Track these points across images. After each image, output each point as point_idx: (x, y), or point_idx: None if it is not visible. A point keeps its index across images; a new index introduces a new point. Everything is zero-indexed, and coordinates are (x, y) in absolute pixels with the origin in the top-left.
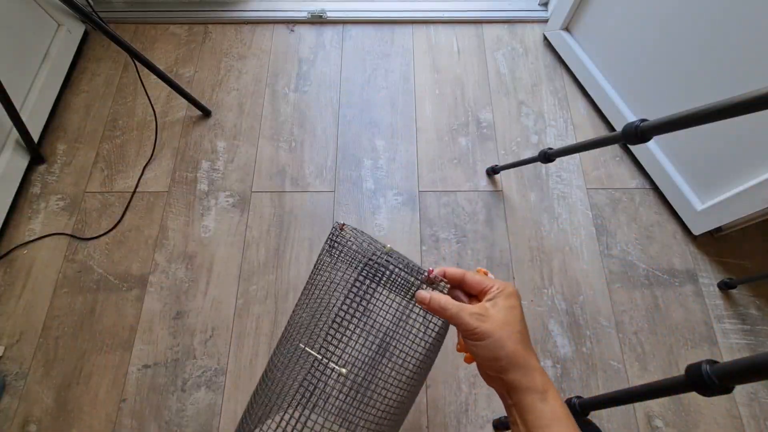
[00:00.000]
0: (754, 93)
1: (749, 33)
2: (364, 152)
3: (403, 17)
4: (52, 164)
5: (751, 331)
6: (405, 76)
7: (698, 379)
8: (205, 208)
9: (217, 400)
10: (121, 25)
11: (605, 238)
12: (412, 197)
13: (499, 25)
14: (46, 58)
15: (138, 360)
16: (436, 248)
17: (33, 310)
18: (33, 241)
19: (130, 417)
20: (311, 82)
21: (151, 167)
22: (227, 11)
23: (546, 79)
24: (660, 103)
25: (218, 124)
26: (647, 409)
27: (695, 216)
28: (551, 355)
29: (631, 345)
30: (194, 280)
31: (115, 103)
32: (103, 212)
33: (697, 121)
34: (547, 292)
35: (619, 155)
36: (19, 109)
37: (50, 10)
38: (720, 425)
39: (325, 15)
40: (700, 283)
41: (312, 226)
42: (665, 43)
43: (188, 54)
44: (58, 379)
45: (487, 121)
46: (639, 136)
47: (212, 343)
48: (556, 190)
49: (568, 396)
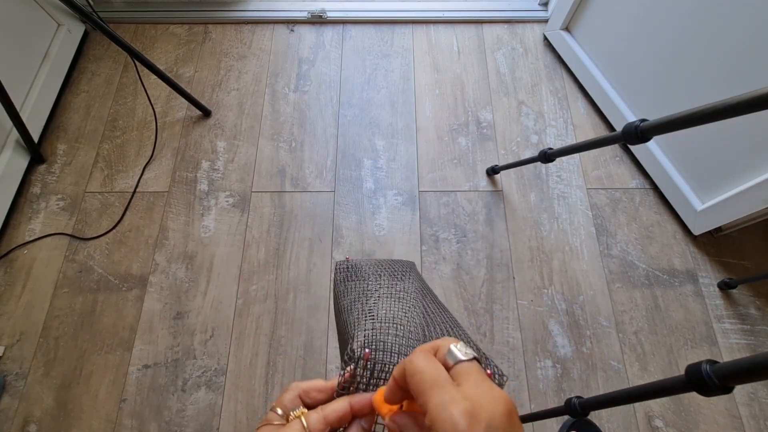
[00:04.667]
0: (754, 93)
1: (749, 33)
2: (364, 152)
3: (403, 17)
4: (52, 164)
5: (751, 331)
6: (405, 75)
7: (698, 379)
8: (205, 208)
9: (217, 400)
10: (121, 25)
11: (605, 238)
12: (412, 197)
13: (499, 25)
14: (46, 58)
15: (138, 360)
16: (436, 248)
17: (33, 310)
18: (33, 241)
19: (130, 417)
20: (311, 82)
21: (151, 167)
22: (227, 11)
23: (546, 79)
24: (660, 103)
25: (218, 124)
26: (647, 409)
27: (695, 216)
28: (551, 355)
29: (631, 345)
30: (194, 280)
31: (115, 103)
32: (103, 212)
33: (697, 121)
34: (547, 292)
35: (619, 155)
36: (19, 109)
37: (50, 10)
38: (720, 425)
39: (325, 15)
40: (700, 283)
41: (312, 226)
42: (665, 43)
43: (188, 54)
44: (58, 379)
45: (487, 121)
46: (639, 136)
47: (212, 343)
48: (556, 190)
49: (568, 396)
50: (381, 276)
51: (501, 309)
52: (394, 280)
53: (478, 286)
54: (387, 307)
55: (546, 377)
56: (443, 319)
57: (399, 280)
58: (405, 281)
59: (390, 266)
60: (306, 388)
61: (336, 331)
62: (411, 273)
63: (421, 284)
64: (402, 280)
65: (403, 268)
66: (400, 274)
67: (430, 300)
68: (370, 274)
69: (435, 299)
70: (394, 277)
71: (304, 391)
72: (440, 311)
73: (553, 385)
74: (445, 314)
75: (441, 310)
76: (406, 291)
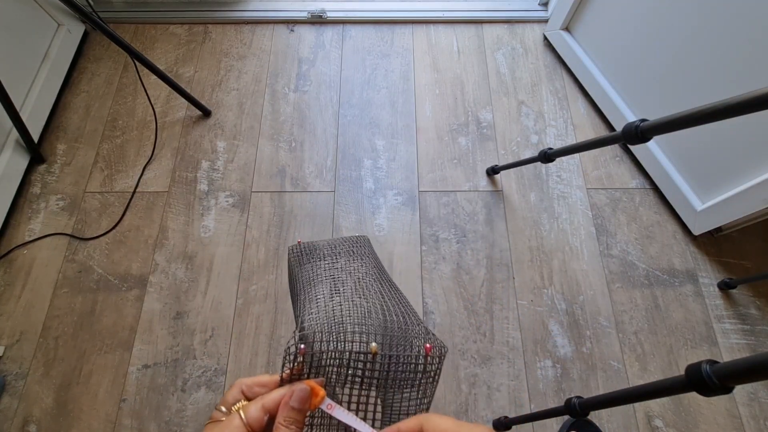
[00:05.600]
0: (754, 93)
1: (749, 33)
2: (364, 152)
3: (403, 17)
4: (52, 164)
5: (751, 331)
6: (405, 75)
7: (698, 379)
8: (205, 208)
9: (217, 400)
10: (121, 25)
11: (605, 238)
12: (412, 197)
13: (499, 25)
14: (46, 58)
15: (138, 360)
16: (436, 248)
17: (33, 310)
18: (33, 241)
19: (130, 417)
20: (311, 82)
21: (151, 167)
22: (227, 11)
23: (546, 79)
24: (660, 103)
25: (218, 124)
26: (647, 409)
27: (695, 216)
28: (551, 355)
29: (631, 345)
30: (194, 280)
31: (115, 103)
32: (103, 212)
33: (697, 121)
34: (547, 292)
35: (619, 155)
36: (19, 109)
37: (50, 10)
38: (720, 425)
39: (325, 15)
40: (700, 283)
41: (312, 226)
42: (665, 43)
43: (188, 54)
44: (58, 379)
45: (487, 121)
46: (639, 136)
47: (212, 343)
48: (556, 190)
49: (568, 396)
50: (338, 256)
51: (501, 309)
52: (351, 259)
53: (478, 286)
54: (334, 291)
55: (546, 377)
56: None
57: (356, 259)
58: (362, 259)
59: (346, 244)
60: (249, 384)
61: None
62: (366, 251)
63: (375, 261)
64: (360, 258)
65: (361, 245)
66: (357, 253)
67: (386, 279)
68: (326, 254)
69: (387, 275)
70: (351, 256)
71: (248, 386)
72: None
73: (553, 385)
74: (399, 293)
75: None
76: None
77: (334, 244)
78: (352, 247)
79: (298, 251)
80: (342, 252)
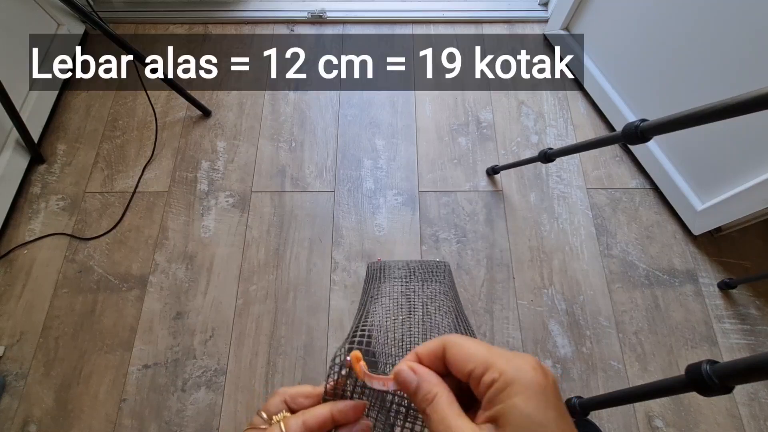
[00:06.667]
0: (754, 93)
1: (749, 33)
2: (364, 152)
3: (403, 17)
4: (52, 164)
5: (751, 331)
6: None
7: (698, 379)
8: (205, 208)
9: (217, 400)
10: (121, 25)
11: (605, 238)
12: (412, 197)
13: (499, 25)
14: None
15: (138, 360)
16: (436, 248)
17: (33, 310)
18: (33, 241)
19: (130, 417)
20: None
21: (151, 167)
22: (227, 11)
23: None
24: (660, 103)
25: (218, 124)
26: (647, 409)
27: (695, 216)
28: (551, 355)
29: (631, 345)
30: (194, 280)
31: (115, 103)
32: (103, 212)
33: (697, 121)
34: (547, 292)
35: (619, 155)
36: (19, 109)
37: (50, 10)
38: (720, 425)
39: (325, 15)
40: (700, 283)
41: (312, 226)
42: (665, 43)
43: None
44: (58, 379)
45: (487, 121)
46: (639, 136)
47: (212, 343)
48: (556, 190)
49: (568, 396)
50: (413, 278)
51: (501, 309)
52: (426, 285)
53: (478, 286)
54: (388, 311)
55: None
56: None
57: (431, 284)
58: (438, 285)
59: (424, 268)
60: (293, 394)
61: (336, 331)
62: (445, 278)
63: (453, 290)
64: (436, 284)
65: (440, 272)
66: (434, 279)
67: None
68: (402, 275)
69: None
70: (426, 281)
71: (291, 396)
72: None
73: None
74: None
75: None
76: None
77: (413, 267)
78: (430, 272)
79: (374, 268)
80: (418, 275)
